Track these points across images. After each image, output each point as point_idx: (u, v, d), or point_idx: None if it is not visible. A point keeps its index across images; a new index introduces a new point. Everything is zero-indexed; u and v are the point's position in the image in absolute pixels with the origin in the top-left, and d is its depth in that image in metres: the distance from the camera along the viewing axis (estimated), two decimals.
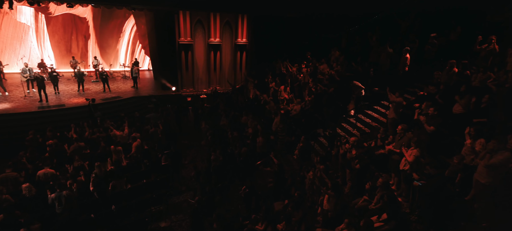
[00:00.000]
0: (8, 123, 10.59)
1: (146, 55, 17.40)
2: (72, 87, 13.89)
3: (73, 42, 15.77)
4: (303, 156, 7.55)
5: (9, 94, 12.24)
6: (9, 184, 6.72)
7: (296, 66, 11.59)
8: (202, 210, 6.69)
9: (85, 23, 15.41)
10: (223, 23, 14.31)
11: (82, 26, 15.51)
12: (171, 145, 9.45)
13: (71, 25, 15.27)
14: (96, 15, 15.28)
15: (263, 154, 8.71)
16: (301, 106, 9.38)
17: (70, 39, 15.66)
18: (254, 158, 8.40)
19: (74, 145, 8.55)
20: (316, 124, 8.93)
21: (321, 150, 8.25)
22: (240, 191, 7.00)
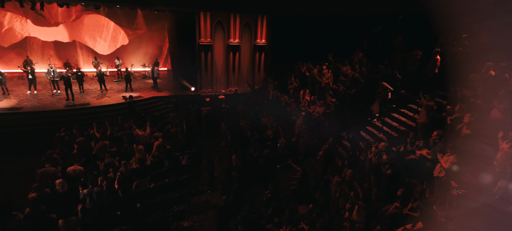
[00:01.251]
0: (36, 120, 11.00)
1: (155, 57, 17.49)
2: (96, 86, 14.27)
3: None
4: (327, 159, 7.38)
5: (38, 93, 12.72)
6: (49, 179, 6.95)
7: (317, 68, 11.42)
8: (229, 210, 6.67)
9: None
10: (242, 24, 14.32)
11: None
12: (192, 145, 9.52)
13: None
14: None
15: (285, 156, 8.61)
16: (324, 108, 9.20)
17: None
18: (275, 160, 8.31)
19: (100, 143, 8.75)
20: (339, 127, 8.73)
21: (345, 153, 8.05)
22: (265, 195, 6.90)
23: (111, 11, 12.75)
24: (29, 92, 12.52)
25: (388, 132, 7.94)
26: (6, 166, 9.19)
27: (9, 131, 10.32)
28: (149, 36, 16.08)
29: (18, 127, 10.60)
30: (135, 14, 14.36)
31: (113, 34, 16.42)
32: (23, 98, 12.05)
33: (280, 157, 8.49)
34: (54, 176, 7.27)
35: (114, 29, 16.29)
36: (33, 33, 14.95)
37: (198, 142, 9.92)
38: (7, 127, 10.43)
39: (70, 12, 14.41)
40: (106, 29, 16.17)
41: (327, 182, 6.97)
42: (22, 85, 13.46)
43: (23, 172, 9.01)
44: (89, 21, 15.31)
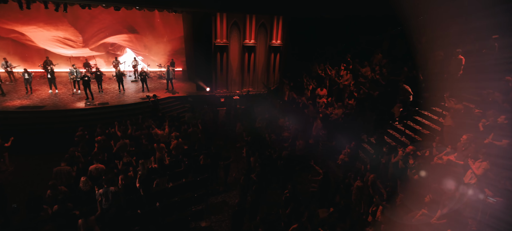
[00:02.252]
0: (58, 118, 11.30)
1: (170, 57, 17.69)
2: (114, 86, 14.55)
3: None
4: (349, 163, 7.25)
5: (59, 92, 13.07)
6: (63, 177, 7.09)
7: (335, 69, 11.26)
8: (244, 213, 6.64)
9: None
10: (258, 24, 14.31)
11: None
12: (210, 145, 9.55)
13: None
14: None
15: (303, 157, 8.52)
16: (343, 110, 9.05)
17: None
18: (294, 162, 8.23)
19: (120, 142, 8.89)
20: (359, 130, 8.56)
21: (365, 157, 7.88)
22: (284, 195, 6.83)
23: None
24: (51, 91, 12.88)
25: (410, 135, 7.72)
26: (30, 163, 9.47)
27: (32, 128, 10.64)
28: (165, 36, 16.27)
29: (41, 125, 10.92)
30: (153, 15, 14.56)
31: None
32: (45, 97, 12.41)
33: (298, 159, 8.40)
34: (68, 174, 7.41)
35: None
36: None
37: (215, 142, 9.95)
38: (30, 125, 10.76)
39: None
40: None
41: (348, 186, 6.84)
42: (45, 84, 13.85)
43: (47, 168, 9.25)
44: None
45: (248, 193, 7.68)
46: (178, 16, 14.34)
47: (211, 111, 12.16)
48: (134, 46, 17.20)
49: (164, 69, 16.52)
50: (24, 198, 7.52)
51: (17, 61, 14.37)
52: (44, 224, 6.93)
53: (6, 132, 9.17)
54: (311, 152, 8.69)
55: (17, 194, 7.74)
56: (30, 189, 7.49)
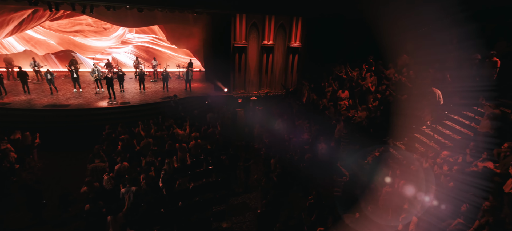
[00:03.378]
0: (82, 117, 11.63)
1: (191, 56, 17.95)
2: (134, 86, 14.85)
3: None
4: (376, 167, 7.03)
5: (83, 91, 13.47)
6: (98, 173, 7.27)
7: (357, 71, 11.01)
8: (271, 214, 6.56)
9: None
10: (277, 25, 14.22)
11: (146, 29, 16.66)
12: (229, 146, 9.54)
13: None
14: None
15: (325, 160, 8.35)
16: (367, 114, 8.82)
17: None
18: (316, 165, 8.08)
19: (144, 141, 9.04)
20: (384, 133, 8.31)
21: (392, 161, 7.62)
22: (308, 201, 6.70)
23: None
24: (75, 90, 13.29)
25: (440, 140, 7.41)
26: (57, 160, 9.78)
27: (57, 126, 11.00)
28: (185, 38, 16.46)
29: (66, 123, 11.28)
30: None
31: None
32: (70, 96, 12.81)
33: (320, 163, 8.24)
34: (103, 171, 7.58)
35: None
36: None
37: (234, 143, 9.94)
38: (56, 123, 11.13)
39: None
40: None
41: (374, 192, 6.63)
42: (69, 83, 14.31)
43: (72, 165, 9.55)
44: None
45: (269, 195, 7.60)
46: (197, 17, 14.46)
47: (230, 112, 12.18)
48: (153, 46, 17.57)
49: (183, 70, 16.76)
50: (52, 194, 7.82)
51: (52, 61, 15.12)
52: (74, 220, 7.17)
53: (34, 129, 9.50)
54: (333, 155, 8.51)
55: (45, 190, 7.98)
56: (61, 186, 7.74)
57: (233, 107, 13.04)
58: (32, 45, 15.42)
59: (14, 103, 11.44)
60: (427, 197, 5.71)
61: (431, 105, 8.00)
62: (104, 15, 12.25)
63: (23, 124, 10.20)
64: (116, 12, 11.58)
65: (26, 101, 11.73)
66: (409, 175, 6.04)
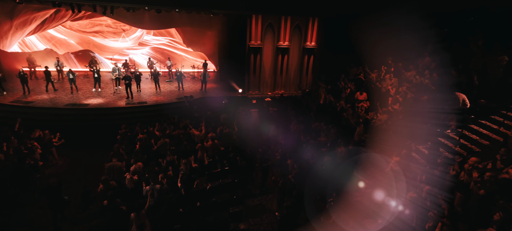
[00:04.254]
0: (101, 116, 11.87)
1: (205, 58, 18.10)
2: (150, 86, 15.06)
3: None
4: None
5: (101, 90, 13.75)
6: (115, 172, 7.36)
7: (375, 72, 10.77)
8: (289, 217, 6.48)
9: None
10: (293, 26, 14.13)
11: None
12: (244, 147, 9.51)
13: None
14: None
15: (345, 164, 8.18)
16: (388, 116, 8.60)
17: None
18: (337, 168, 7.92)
19: (161, 141, 9.12)
20: (406, 137, 8.06)
21: (414, 166, 7.39)
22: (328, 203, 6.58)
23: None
24: (94, 90, 13.58)
25: (467, 145, 7.12)
26: (76, 157, 9.98)
27: (77, 125, 11.26)
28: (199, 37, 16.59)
29: (85, 122, 11.53)
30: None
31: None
32: (89, 95, 13.10)
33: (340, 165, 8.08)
34: (120, 170, 7.69)
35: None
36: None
37: (251, 144, 9.92)
38: (75, 122, 11.39)
39: None
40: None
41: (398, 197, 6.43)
42: (88, 83, 14.65)
43: (91, 163, 9.73)
44: None
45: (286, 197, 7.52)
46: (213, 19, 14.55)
47: (245, 113, 12.16)
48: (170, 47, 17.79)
49: (198, 70, 16.89)
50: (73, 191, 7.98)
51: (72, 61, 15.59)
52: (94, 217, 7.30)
53: (55, 127, 9.75)
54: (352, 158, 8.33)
55: (65, 187, 8.16)
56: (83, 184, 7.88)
57: (247, 108, 13.01)
58: (53, 44, 15.88)
59: (36, 102, 11.79)
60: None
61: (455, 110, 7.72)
62: (124, 16, 12.50)
63: (45, 122, 10.47)
64: (135, 14, 11.79)
65: (49, 100, 12.08)
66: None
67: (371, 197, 6.22)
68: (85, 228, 7.09)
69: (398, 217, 5.66)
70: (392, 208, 5.75)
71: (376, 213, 5.89)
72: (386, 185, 6.17)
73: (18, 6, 11.37)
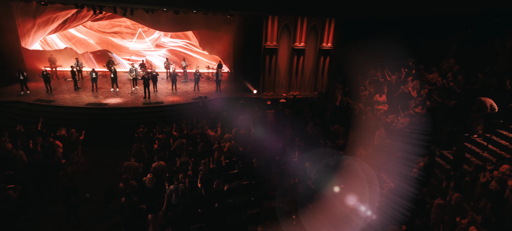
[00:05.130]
0: (119, 115, 12.08)
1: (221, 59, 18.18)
2: (166, 86, 15.24)
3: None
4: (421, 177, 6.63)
5: (119, 90, 14.01)
6: (132, 172, 7.46)
7: (396, 74, 10.51)
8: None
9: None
10: (309, 27, 13.99)
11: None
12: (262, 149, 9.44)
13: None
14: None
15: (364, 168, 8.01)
16: (409, 120, 8.37)
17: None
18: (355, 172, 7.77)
19: (178, 141, 9.20)
20: (429, 142, 7.82)
21: (439, 172, 7.16)
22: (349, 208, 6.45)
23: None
24: (112, 89, 13.86)
25: (495, 151, 6.83)
26: (97, 155, 10.21)
27: (97, 124, 11.48)
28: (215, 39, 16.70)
29: (105, 121, 11.76)
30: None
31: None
32: (108, 94, 13.38)
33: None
34: (136, 170, 7.78)
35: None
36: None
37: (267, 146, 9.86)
38: (96, 120, 11.64)
39: None
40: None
41: (422, 203, 6.24)
42: (106, 83, 14.96)
43: (112, 162, 9.92)
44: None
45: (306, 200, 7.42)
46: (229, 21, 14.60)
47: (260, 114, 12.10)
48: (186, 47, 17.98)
49: (213, 71, 16.98)
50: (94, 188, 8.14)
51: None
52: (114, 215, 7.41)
53: (77, 126, 9.98)
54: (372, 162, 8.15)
55: (87, 184, 8.35)
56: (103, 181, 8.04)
57: (262, 109, 12.97)
58: (73, 43, 16.33)
59: (58, 101, 12.13)
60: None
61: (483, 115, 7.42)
62: (143, 18, 12.71)
63: (67, 121, 10.75)
64: (153, 16, 11.97)
65: (70, 99, 12.40)
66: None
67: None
68: (106, 225, 7.22)
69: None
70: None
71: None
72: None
73: (41, 6, 11.75)
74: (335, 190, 7.66)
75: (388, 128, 8.79)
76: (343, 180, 7.63)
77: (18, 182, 6.87)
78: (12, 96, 12.17)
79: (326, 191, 7.90)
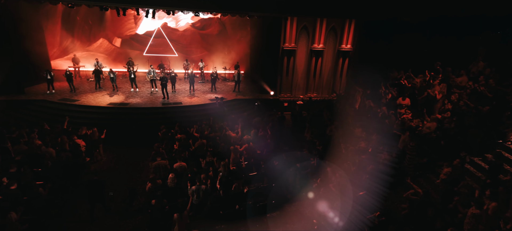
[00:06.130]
0: (139, 115, 12.29)
1: (237, 60, 18.16)
2: (185, 86, 15.40)
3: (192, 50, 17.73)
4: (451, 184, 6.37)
5: (139, 90, 14.27)
6: (161, 171, 7.54)
7: (420, 77, 10.19)
8: None
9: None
10: (328, 28, 13.80)
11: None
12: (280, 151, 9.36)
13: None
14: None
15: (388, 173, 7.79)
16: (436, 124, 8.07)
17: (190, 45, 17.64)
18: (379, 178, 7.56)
19: (198, 142, 9.25)
20: (458, 147, 7.51)
21: (470, 180, 6.86)
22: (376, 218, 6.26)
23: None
24: (132, 89, 14.13)
25: None
26: (119, 154, 10.40)
27: (118, 123, 11.71)
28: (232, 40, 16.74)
29: (126, 120, 11.98)
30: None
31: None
32: (128, 94, 13.64)
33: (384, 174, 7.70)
34: (165, 168, 7.87)
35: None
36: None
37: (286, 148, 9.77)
38: (117, 120, 11.87)
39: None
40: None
41: (453, 212, 5.99)
42: (126, 83, 15.27)
43: (133, 160, 10.09)
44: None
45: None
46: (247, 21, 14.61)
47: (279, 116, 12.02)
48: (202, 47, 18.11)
49: (231, 71, 17.04)
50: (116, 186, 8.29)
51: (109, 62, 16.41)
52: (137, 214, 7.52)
53: (99, 125, 10.20)
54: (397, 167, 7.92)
55: (110, 183, 8.51)
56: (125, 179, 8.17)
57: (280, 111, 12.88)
58: None
59: (81, 100, 12.48)
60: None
61: None
62: None
63: (89, 120, 11.03)
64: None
65: (92, 98, 12.74)
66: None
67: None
68: (130, 223, 7.33)
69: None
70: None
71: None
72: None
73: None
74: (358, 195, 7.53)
75: (413, 133, 8.51)
76: (366, 186, 7.45)
77: (46, 179, 7.10)
78: (39, 95, 12.62)
79: (348, 197, 7.76)
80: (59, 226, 6.95)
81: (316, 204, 7.51)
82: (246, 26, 15.30)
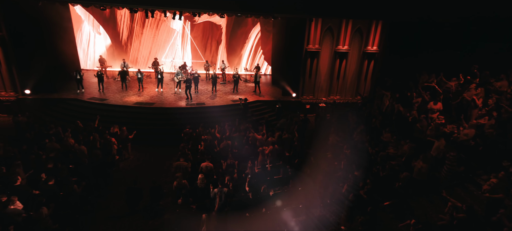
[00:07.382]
0: (164, 115, 12.51)
1: (265, 60, 18.13)
2: (207, 87, 15.54)
3: (207, 47, 17.81)
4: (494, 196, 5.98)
5: (163, 90, 14.52)
6: (181, 172, 7.61)
7: (454, 81, 9.71)
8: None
9: (219, 29, 17.20)
10: (354, 30, 13.49)
11: (216, 33, 17.35)
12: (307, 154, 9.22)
13: (208, 31, 17.30)
14: (229, 22, 16.85)
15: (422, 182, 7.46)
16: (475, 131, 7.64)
17: (206, 44, 17.75)
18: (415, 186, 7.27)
19: (224, 143, 9.26)
20: (499, 155, 7.06)
21: None
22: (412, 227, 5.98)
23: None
24: (157, 90, 14.41)
25: None
26: (145, 153, 10.62)
27: (143, 122, 11.98)
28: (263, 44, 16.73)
29: (150, 120, 12.25)
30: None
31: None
32: (153, 95, 13.93)
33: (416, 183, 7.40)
34: (185, 170, 7.93)
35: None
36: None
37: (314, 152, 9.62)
38: (142, 119, 12.14)
39: None
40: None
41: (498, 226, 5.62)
42: (150, 83, 15.59)
43: (158, 159, 10.28)
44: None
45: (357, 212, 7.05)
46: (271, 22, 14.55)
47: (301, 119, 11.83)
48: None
49: (251, 73, 17.03)
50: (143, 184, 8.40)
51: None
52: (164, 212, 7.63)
53: (126, 124, 10.44)
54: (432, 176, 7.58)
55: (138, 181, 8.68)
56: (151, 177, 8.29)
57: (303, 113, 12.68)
58: None
59: (109, 100, 12.87)
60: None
61: None
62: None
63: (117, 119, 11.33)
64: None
65: (120, 98, 13.11)
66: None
67: None
68: (157, 222, 7.44)
69: None
70: None
71: None
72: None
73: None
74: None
75: (448, 140, 8.10)
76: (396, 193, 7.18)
77: (79, 176, 7.34)
78: (70, 94, 13.14)
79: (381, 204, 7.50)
80: (91, 222, 7.17)
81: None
82: (270, 28, 15.22)
